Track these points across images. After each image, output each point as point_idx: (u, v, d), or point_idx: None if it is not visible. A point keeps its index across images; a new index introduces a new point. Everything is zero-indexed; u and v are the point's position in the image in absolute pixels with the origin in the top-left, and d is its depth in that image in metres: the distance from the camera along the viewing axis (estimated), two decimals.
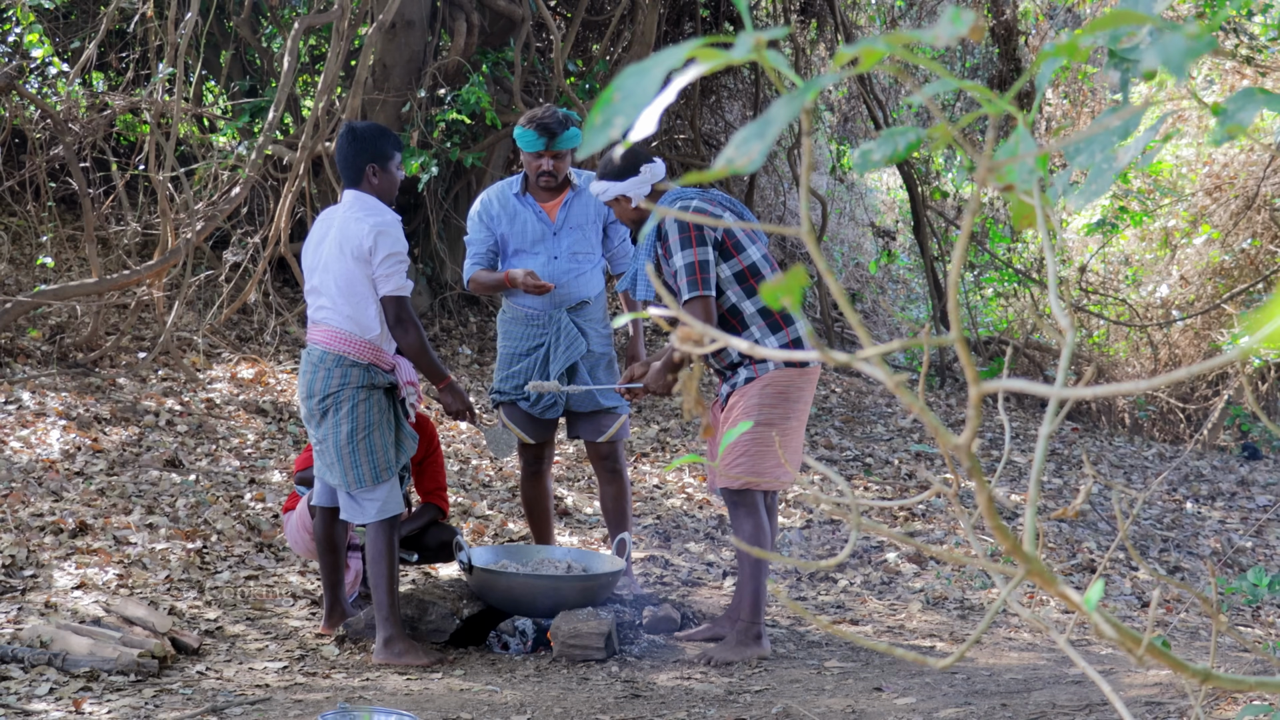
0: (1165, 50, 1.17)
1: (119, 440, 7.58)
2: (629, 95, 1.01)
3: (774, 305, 1.09)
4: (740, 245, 5.32)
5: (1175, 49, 1.16)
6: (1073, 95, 12.92)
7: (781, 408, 5.30)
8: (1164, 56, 1.17)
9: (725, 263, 5.29)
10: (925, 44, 1.09)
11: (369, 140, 5.36)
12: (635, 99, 1.01)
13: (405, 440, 5.41)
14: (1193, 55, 1.17)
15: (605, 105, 1.03)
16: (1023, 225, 1.57)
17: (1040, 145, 1.35)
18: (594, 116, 1.04)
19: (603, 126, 1.03)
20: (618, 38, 11.48)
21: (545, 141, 5.92)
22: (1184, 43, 1.16)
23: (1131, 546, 1.77)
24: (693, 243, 5.21)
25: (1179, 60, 1.16)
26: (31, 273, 9.53)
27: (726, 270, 5.30)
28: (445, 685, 5.00)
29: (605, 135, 1.03)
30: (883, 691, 4.93)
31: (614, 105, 1.02)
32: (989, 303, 13.94)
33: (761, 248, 5.39)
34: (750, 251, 5.33)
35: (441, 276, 11.17)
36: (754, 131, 1.02)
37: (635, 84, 1.01)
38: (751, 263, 5.32)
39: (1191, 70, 1.48)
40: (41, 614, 5.40)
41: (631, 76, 1.02)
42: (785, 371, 5.30)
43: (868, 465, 9.22)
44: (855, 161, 1.36)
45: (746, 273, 5.30)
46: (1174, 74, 1.18)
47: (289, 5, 10.59)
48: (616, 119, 1.02)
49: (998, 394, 1.39)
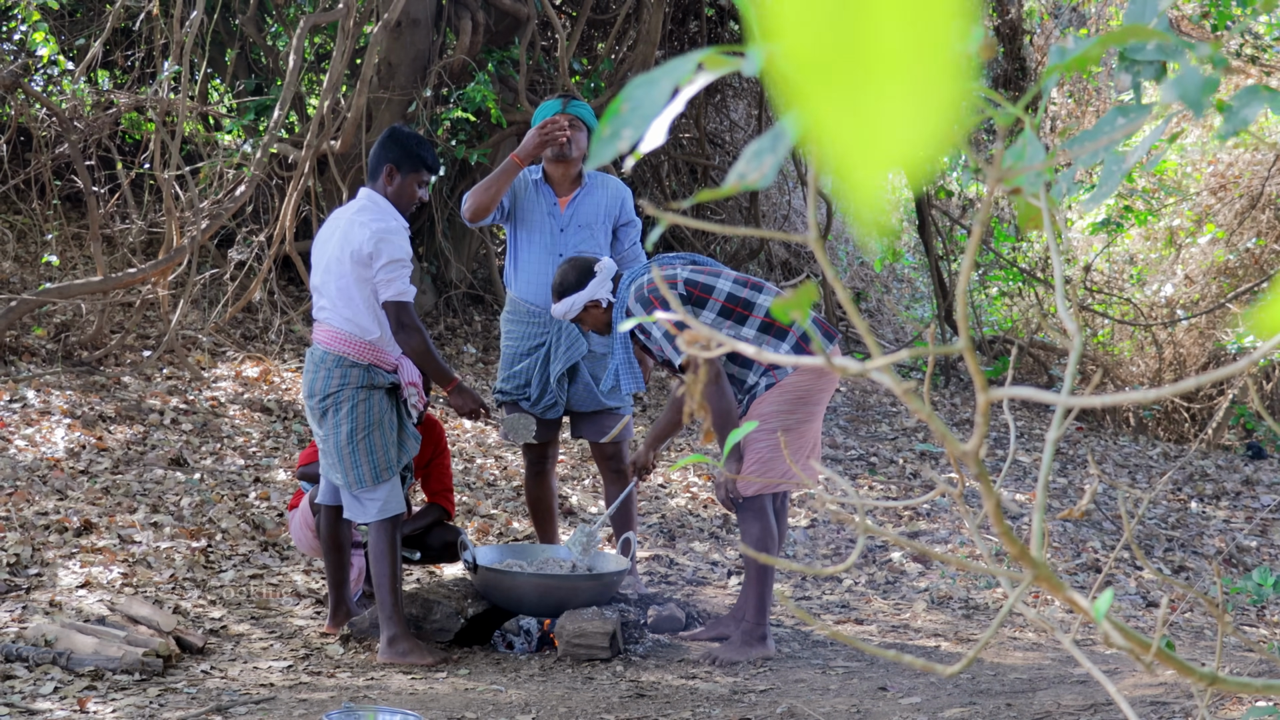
0: (1183, 84, 1.17)
1: (124, 439, 7.58)
2: (637, 106, 1.01)
3: (784, 320, 1.09)
4: (708, 287, 5.31)
5: (1192, 84, 1.16)
6: (1078, 95, 12.91)
7: (800, 412, 5.31)
8: (1181, 92, 1.17)
9: (702, 310, 5.29)
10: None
11: (400, 144, 5.36)
12: (644, 110, 1.00)
13: (407, 440, 5.41)
14: (1210, 89, 1.17)
15: (613, 117, 1.03)
16: (1029, 227, 1.57)
17: (1047, 147, 1.35)
18: (602, 128, 1.04)
19: (611, 138, 1.02)
20: (623, 36, 11.48)
21: (562, 103, 5.94)
22: (1200, 76, 1.16)
23: (1136, 546, 1.77)
24: (659, 308, 5.21)
25: (1196, 95, 1.16)
26: (36, 271, 9.54)
27: (708, 316, 5.29)
28: (450, 684, 5.00)
29: (614, 147, 1.03)
30: (888, 691, 4.93)
31: (622, 116, 1.01)
32: (994, 302, 13.92)
33: (730, 275, 5.39)
34: (720, 285, 5.32)
35: (446, 275, 11.17)
36: (765, 145, 1.01)
37: (643, 95, 1.01)
38: (727, 294, 5.31)
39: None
40: (46, 613, 5.40)
41: (639, 87, 1.02)
42: (803, 375, 5.29)
43: (872, 464, 9.22)
44: None
45: (727, 305, 5.30)
46: (1192, 109, 1.18)
47: (294, 3, 10.60)
48: (625, 130, 1.01)
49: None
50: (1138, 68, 1.50)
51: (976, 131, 12.45)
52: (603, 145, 1.03)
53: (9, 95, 8.86)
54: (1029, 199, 1.42)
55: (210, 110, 10.26)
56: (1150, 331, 12.07)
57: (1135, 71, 1.51)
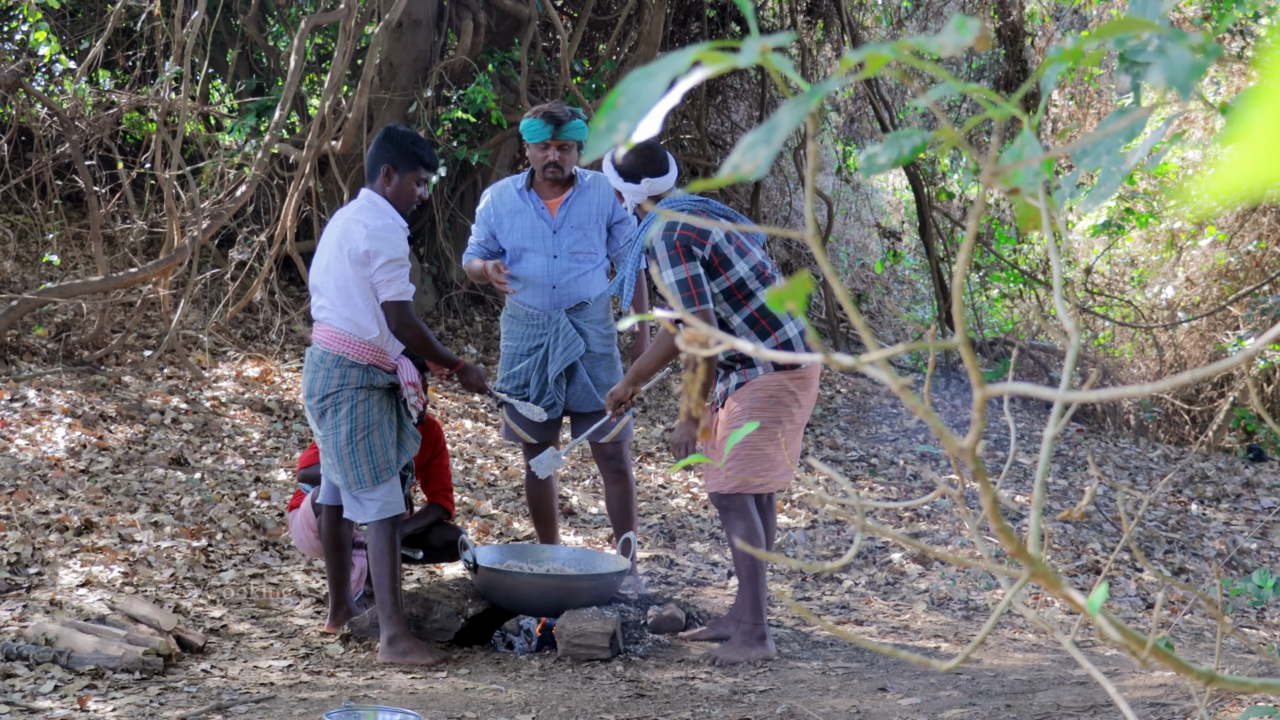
0: (1171, 67, 1.17)
1: (124, 438, 7.59)
2: (633, 100, 1.01)
3: (778, 310, 1.09)
4: (727, 261, 5.30)
5: (1180, 66, 1.16)
6: (1079, 96, 12.91)
7: (772, 411, 5.30)
8: (1169, 74, 1.17)
9: (713, 280, 5.29)
10: (931, 51, 1.09)
11: (396, 143, 5.35)
12: (639, 103, 1.01)
13: (407, 440, 5.41)
14: (1198, 72, 1.17)
15: (610, 110, 1.03)
16: (1028, 228, 1.57)
17: (1046, 148, 1.35)
18: (598, 121, 1.04)
19: (607, 131, 1.03)
20: (624, 37, 11.48)
21: (551, 130, 5.92)
22: (1189, 59, 1.16)
23: (1136, 548, 1.77)
24: (681, 259, 5.21)
25: (1184, 78, 1.17)
26: (37, 270, 9.54)
27: (715, 288, 5.30)
28: (450, 684, 5.01)
29: (609, 140, 1.03)
30: (887, 692, 4.93)
31: (618, 110, 1.02)
32: (994, 303, 13.93)
33: (752, 259, 5.37)
34: (738, 267, 5.31)
35: (447, 275, 11.18)
36: (760, 138, 1.02)
37: (639, 88, 1.01)
38: (739, 278, 5.30)
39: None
40: (47, 612, 5.40)
41: (636, 81, 1.02)
42: (774, 375, 5.31)
43: (873, 465, 9.22)
44: (861, 165, 1.36)
45: (734, 288, 5.30)
46: (1180, 91, 1.18)
47: (296, 4, 10.60)
48: (621, 124, 1.02)
49: (1003, 396, 1.39)
50: (1138, 69, 1.50)
51: (977, 132, 12.45)
52: (599, 138, 1.03)
53: (10, 95, 8.87)
54: (1027, 199, 1.42)
55: (211, 110, 10.27)
56: (1151, 334, 12.08)
57: (1135, 73, 1.51)
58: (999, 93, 9.53)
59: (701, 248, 5.22)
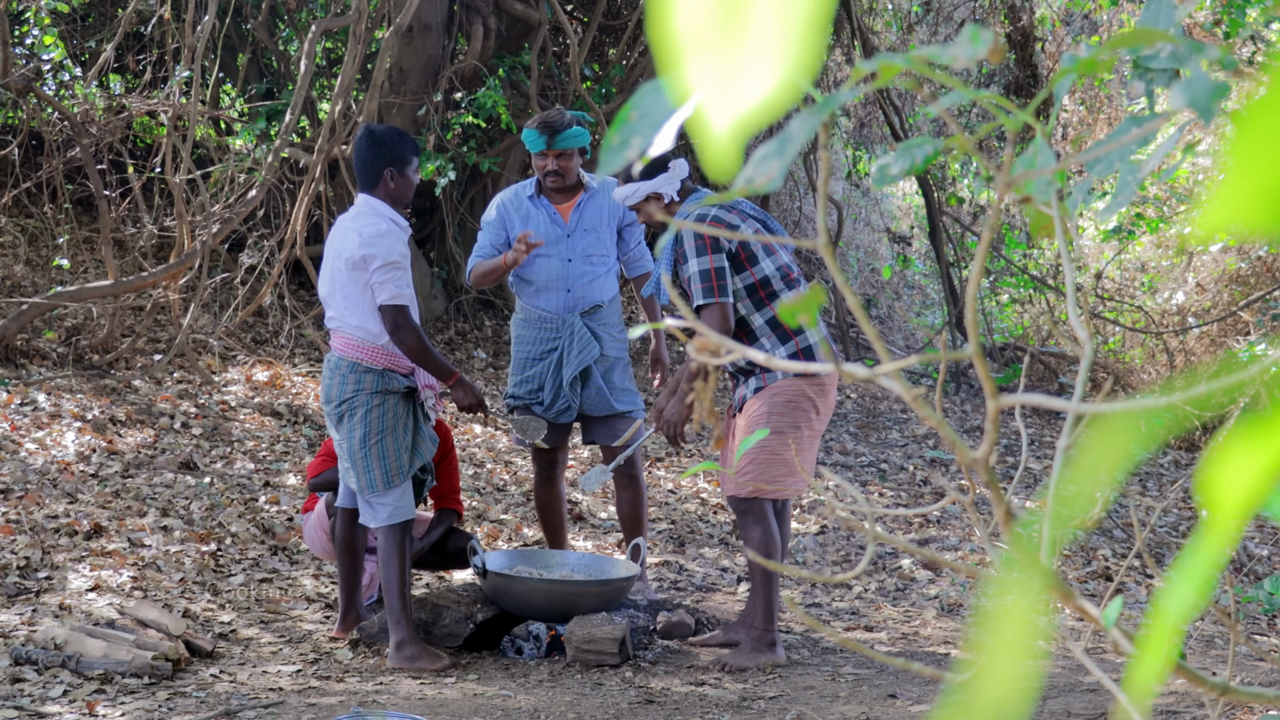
0: (1192, 89, 1.16)
1: (134, 442, 7.59)
2: (646, 114, 1.01)
3: (790, 323, 1.08)
4: (754, 258, 5.30)
5: (1201, 90, 1.15)
6: (1089, 102, 12.89)
7: (790, 416, 5.29)
8: (1191, 97, 1.16)
9: (737, 275, 5.29)
10: (945, 62, 1.08)
11: (388, 144, 5.34)
12: (652, 117, 1.00)
13: (423, 444, 5.40)
14: (1220, 95, 1.16)
15: (622, 124, 1.03)
16: (1040, 235, 1.56)
17: (1058, 155, 1.34)
18: (611, 136, 1.04)
19: (620, 146, 1.02)
20: (634, 42, 11.47)
21: (546, 140, 5.93)
22: (1210, 83, 1.15)
23: (1148, 555, 1.77)
24: (707, 250, 5.21)
25: (1206, 101, 1.16)
26: (48, 274, 9.55)
27: (738, 283, 5.29)
28: (459, 690, 5.00)
29: (623, 155, 1.03)
30: (897, 699, 4.92)
31: (631, 124, 1.01)
32: (1004, 309, 13.90)
33: (779, 259, 5.37)
34: (764, 264, 5.31)
35: (457, 280, 11.18)
36: (773, 150, 1.01)
37: (652, 102, 1.01)
38: (764, 276, 5.30)
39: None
40: (56, 616, 5.41)
41: (648, 94, 1.02)
42: (793, 381, 5.30)
43: (883, 471, 9.20)
44: (874, 176, 1.35)
45: (758, 285, 5.29)
46: (1202, 116, 1.17)
47: (306, 8, 10.61)
48: (634, 139, 1.01)
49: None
50: (1151, 75, 1.49)
51: (988, 138, 12.44)
52: (612, 154, 1.03)
53: (21, 99, 8.88)
54: (1040, 207, 1.41)
55: (222, 114, 10.28)
56: (1161, 339, 12.05)
57: (1149, 80, 1.50)
58: (1009, 98, 9.51)
59: (729, 241, 5.23)
